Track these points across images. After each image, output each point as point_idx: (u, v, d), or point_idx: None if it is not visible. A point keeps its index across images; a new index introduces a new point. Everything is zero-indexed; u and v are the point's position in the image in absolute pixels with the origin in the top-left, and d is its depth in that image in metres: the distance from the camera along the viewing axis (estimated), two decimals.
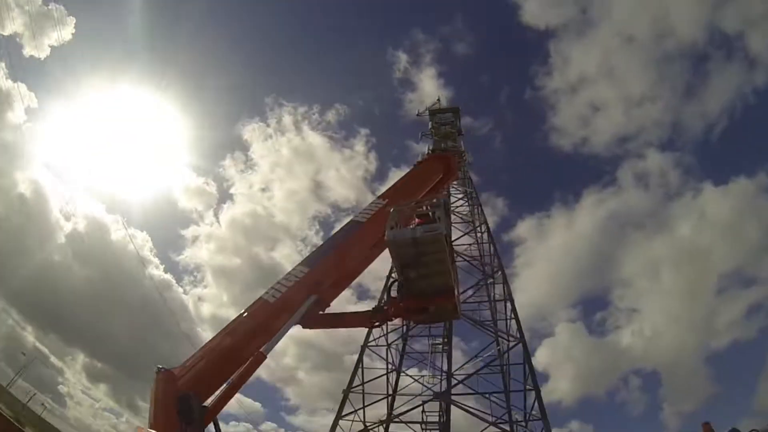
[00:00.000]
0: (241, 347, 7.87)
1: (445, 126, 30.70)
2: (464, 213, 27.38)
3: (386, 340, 22.36)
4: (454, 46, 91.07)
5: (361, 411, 20.39)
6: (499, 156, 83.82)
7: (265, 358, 7.58)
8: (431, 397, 19.62)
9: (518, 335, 20.11)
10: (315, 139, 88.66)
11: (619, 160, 77.77)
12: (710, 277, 63.13)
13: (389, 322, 9.69)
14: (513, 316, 20.97)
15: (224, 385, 7.54)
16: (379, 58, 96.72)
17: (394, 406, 21.45)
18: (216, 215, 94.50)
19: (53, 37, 65.48)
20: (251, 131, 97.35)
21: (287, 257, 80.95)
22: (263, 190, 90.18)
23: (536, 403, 18.22)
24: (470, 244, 25.48)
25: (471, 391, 20.04)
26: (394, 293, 8.60)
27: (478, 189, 29.45)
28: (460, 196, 28.59)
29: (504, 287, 22.37)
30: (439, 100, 33.55)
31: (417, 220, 8.60)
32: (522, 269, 71.04)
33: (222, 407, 7.67)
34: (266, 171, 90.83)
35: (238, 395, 7.78)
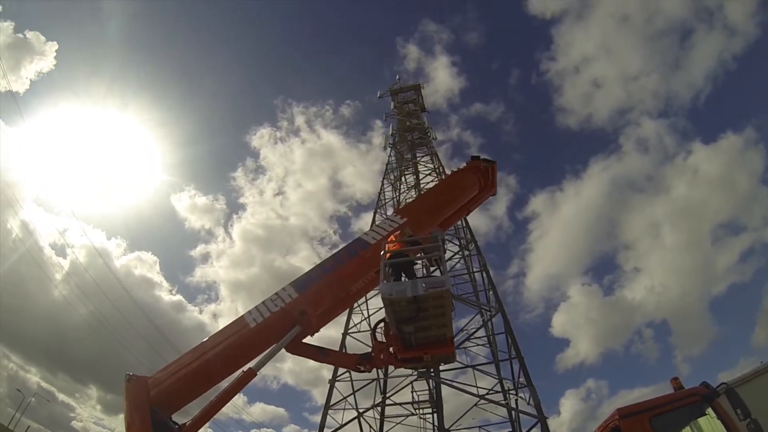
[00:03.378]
0: (216, 369, 7.70)
1: (408, 104, 30.55)
2: None
3: (369, 324, 22.28)
4: (465, 36, 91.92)
5: (351, 397, 20.48)
6: (510, 137, 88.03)
7: (255, 375, 7.33)
8: (416, 376, 19.73)
9: (497, 305, 20.22)
10: (329, 138, 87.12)
11: (621, 130, 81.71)
12: (705, 229, 67.63)
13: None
14: (490, 286, 21.09)
15: (211, 399, 7.41)
16: (390, 51, 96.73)
17: (387, 389, 21.69)
18: (227, 230, 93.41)
19: (31, 69, 63.02)
20: (260, 137, 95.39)
21: (306, 259, 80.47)
22: (277, 194, 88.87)
23: (521, 371, 18.48)
24: None
25: (460, 366, 20.29)
26: (380, 336, 7.77)
27: None
28: (427, 171, 28.56)
29: (479, 258, 22.48)
30: (399, 79, 33.22)
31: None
32: (536, 243, 74.34)
33: (203, 424, 7.60)
34: (279, 175, 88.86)
35: (261, 405, 7.60)
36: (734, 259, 69.05)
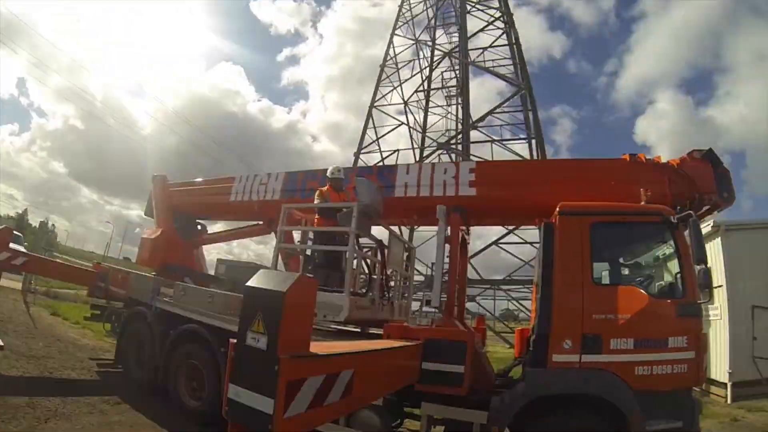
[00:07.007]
0: (214, 212, 8.99)
1: None
2: None
3: (402, 96, 23.81)
4: None
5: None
6: None
7: (269, 233, 8.06)
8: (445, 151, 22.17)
9: (525, 82, 20.75)
10: None
11: None
12: None
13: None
14: (520, 62, 21.20)
15: (230, 230, 9.18)
16: None
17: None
18: (315, 28, 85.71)
19: None
20: None
21: (403, 44, 74.95)
22: None
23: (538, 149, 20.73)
24: None
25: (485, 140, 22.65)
26: None
27: None
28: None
29: (513, 32, 21.73)
30: None
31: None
32: (637, 45, 66.51)
33: (217, 242, 9.68)
34: None
35: None
36: None
